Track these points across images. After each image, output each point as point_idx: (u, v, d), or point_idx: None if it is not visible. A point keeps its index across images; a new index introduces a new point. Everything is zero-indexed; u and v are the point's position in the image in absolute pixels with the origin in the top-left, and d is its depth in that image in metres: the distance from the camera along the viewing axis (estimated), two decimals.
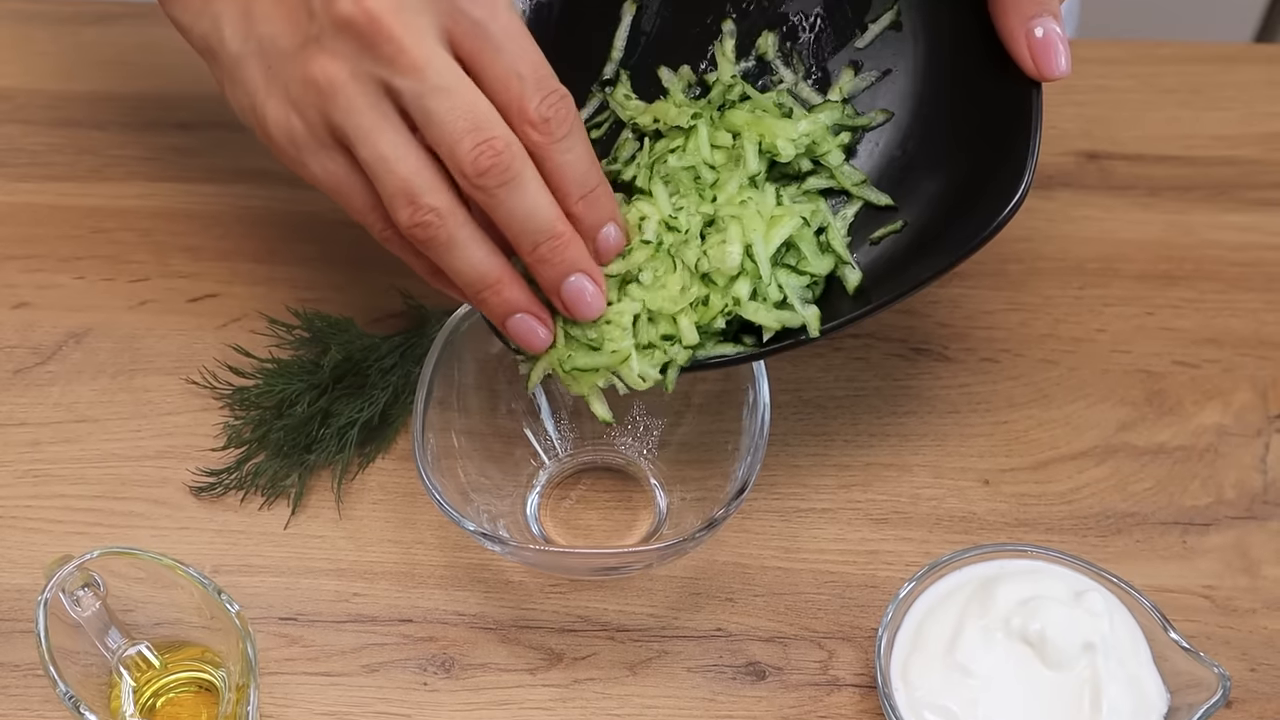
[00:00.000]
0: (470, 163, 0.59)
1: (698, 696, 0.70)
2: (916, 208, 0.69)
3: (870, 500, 0.76)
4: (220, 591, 0.64)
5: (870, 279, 0.68)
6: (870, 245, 0.69)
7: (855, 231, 0.70)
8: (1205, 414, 0.80)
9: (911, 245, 0.69)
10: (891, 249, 0.69)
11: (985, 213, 0.66)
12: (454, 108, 0.58)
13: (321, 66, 0.60)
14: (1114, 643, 0.66)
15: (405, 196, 0.60)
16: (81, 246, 0.86)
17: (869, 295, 0.68)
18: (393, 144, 0.60)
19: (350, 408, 0.76)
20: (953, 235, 0.67)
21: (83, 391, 0.80)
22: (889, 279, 0.68)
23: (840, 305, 0.68)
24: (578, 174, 0.61)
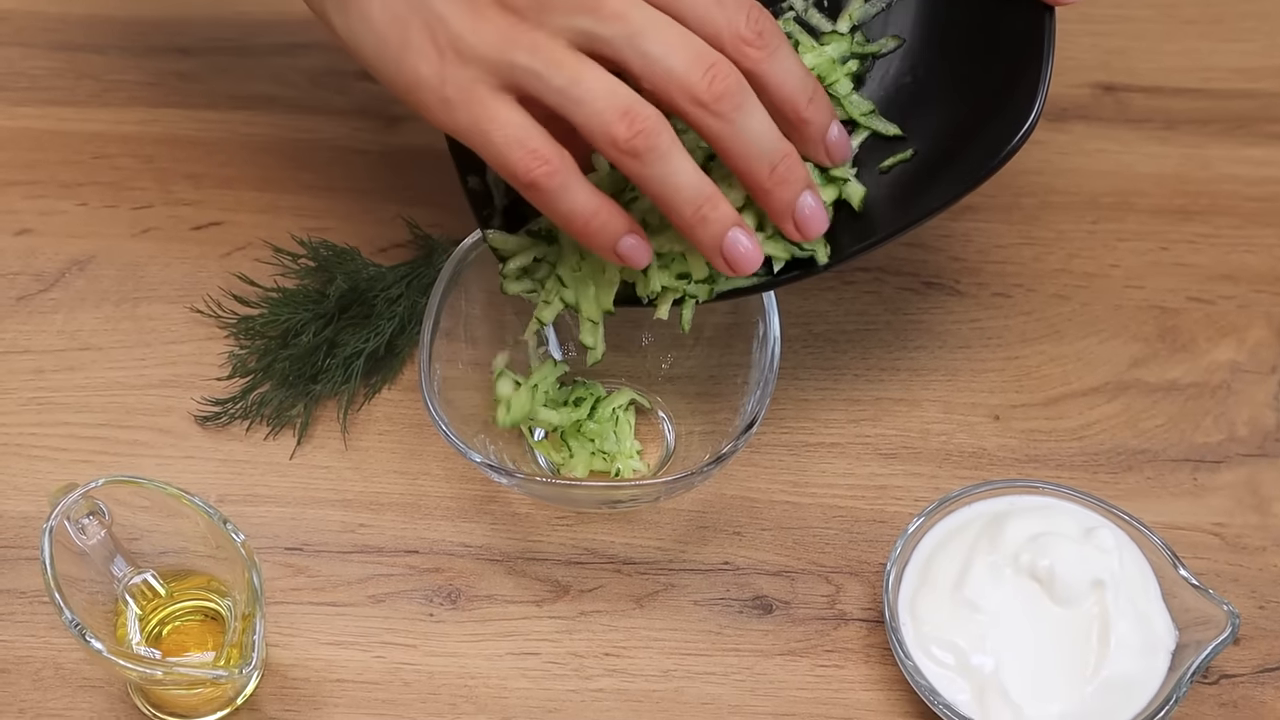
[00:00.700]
0: (707, 88, 0.57)
1: (704, 630, 0.69)
2: (926, 136, 0.68)
3: (880, 435, 0.76)
4: (226, 521, 0.63)
5: (880, 209, 0.67)
6: (879, 175, 0.68)
7: (862, 161, 0.69)
8: (1219, 350, 0.79)
9: (921, 174, 0.68)
10: (901, 178, 0.68)
11: (995, 141, 0.65)
12: (673, 43, 0.57)
13: (499, 18, 0.58)
14: (1123, 580, 0.66)
15: (618, 109, 0.57)
16: (83, 173, 0.85)
17: (879, 225, 0.67)
18: (588, 66, 0.57)
19: (356, 338, 0.75)
20: (962, 164, 0.66)
21: (86, 319, 0.79)
22: (899, 208, 0.67)
23: (849, 236, 0.67)
24: (799, 79, 0.60)
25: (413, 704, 0.67)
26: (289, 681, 0.68)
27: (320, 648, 0.69)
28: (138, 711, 0.67)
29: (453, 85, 0.59)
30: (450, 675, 0.68)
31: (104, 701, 0.67)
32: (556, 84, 0.58)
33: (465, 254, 0.71)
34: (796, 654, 0.69)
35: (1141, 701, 0.64)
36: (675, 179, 0.59)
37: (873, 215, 0.67)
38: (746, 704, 0.67)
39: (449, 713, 0.67)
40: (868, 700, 0.67)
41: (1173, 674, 0.64)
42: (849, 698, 0.68)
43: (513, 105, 0.59)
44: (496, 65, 0.58)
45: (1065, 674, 0.64)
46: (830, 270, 0.67)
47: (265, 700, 0.67)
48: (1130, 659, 0.64)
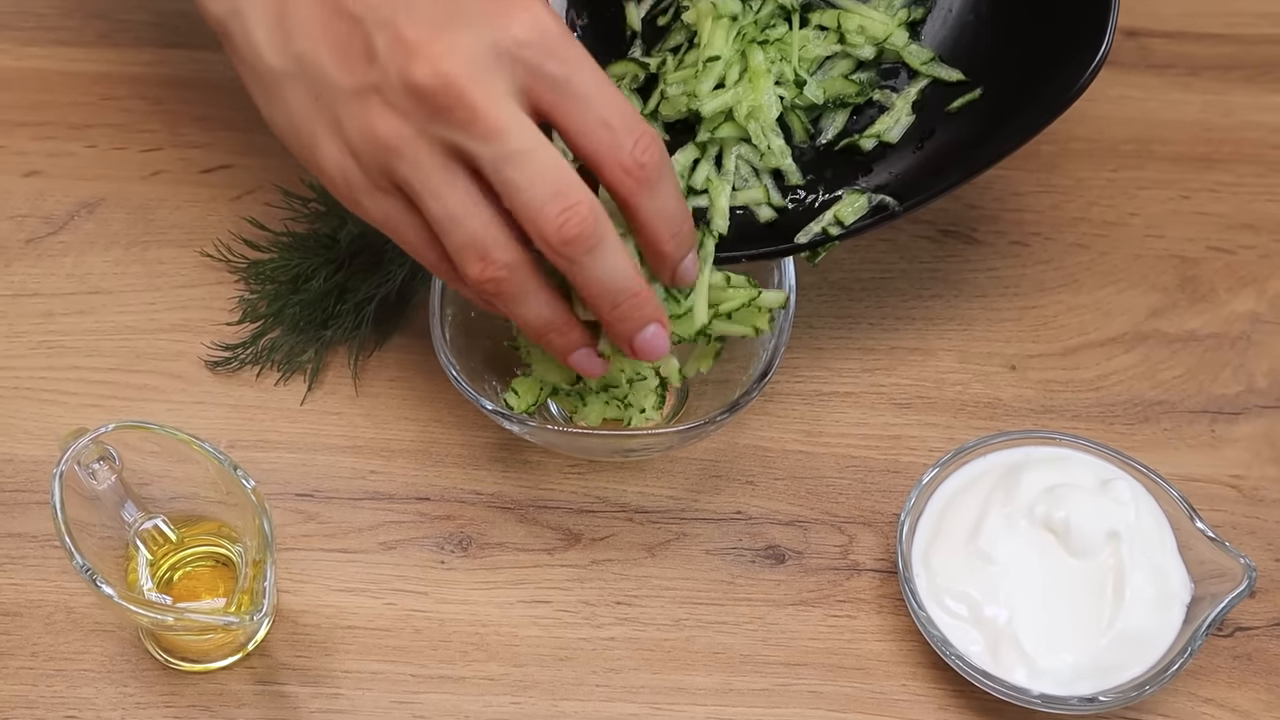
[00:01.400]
0: (555, 231, 0.57)
1: (716, 579, 0.69)
2: (993, 74, 0.68)
3: (894, 384, 0.75)
4: (236, 467, 0.63)
5: (951, 152, 0.68)
6: (947, 118, 0.68)
7: (923, 109, 0.69)
8: (1239, 301, 0.78)
9: (990, 113, 0.68)
10: (970, 119, 0.68)
11: (1067, 73, 0.65)
12: (535, 174, 0.56)
13: (386, 124, 0.57)
14: (1139, 532, 0.65)
15: (475, 252, 0.58)
16: (92, 114, 0.84)
17: (952, 168, 0.67)
18: (461, 202, 0.58)
19: (367, 284, 0.75)
20: (1034, 100, 0.66)
21: (95, 263, 0.78)
22: (971, 149, 0.67)
23: (923, 179, 0.68)
24: (668, 217, 0.59)
25: (423, 651, 0.67)
26: (300, 628, 0.67)
27: (331, 594, 0.69)
28: (149, 656, 0.67)
29: (356, 186, 0.60)
30: (461, 623, 0.68)
31: (116, 646, 0.67)
32: (431, 210, 0.58)
33: None
34: (808, 604, 0.68)
35: (1155, 654, 0.63)
36: (525, 314, 0.61)
37: (944, 158, 0.67)
38: (758, 653, 0.67)
39: (460, 660, 0.67)
40: (880, 651, 0.67)
41: (1187, 627, 0.64)
42: (861, 648, 0.67)
43: (410, 210, 0.60)
44: (382, 171, 0.59)
45: (1079, 626, 0.64)
46: (905, 215, 0.68)
47: (276, 646, 0.67)
48: (1145, 612, 0.64)
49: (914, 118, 0.69)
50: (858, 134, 0.70)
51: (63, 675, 0.66)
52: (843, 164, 0.70)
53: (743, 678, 0.67)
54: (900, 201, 0.68)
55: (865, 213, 0.69)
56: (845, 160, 0.70)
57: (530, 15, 0.56)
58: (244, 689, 0.66)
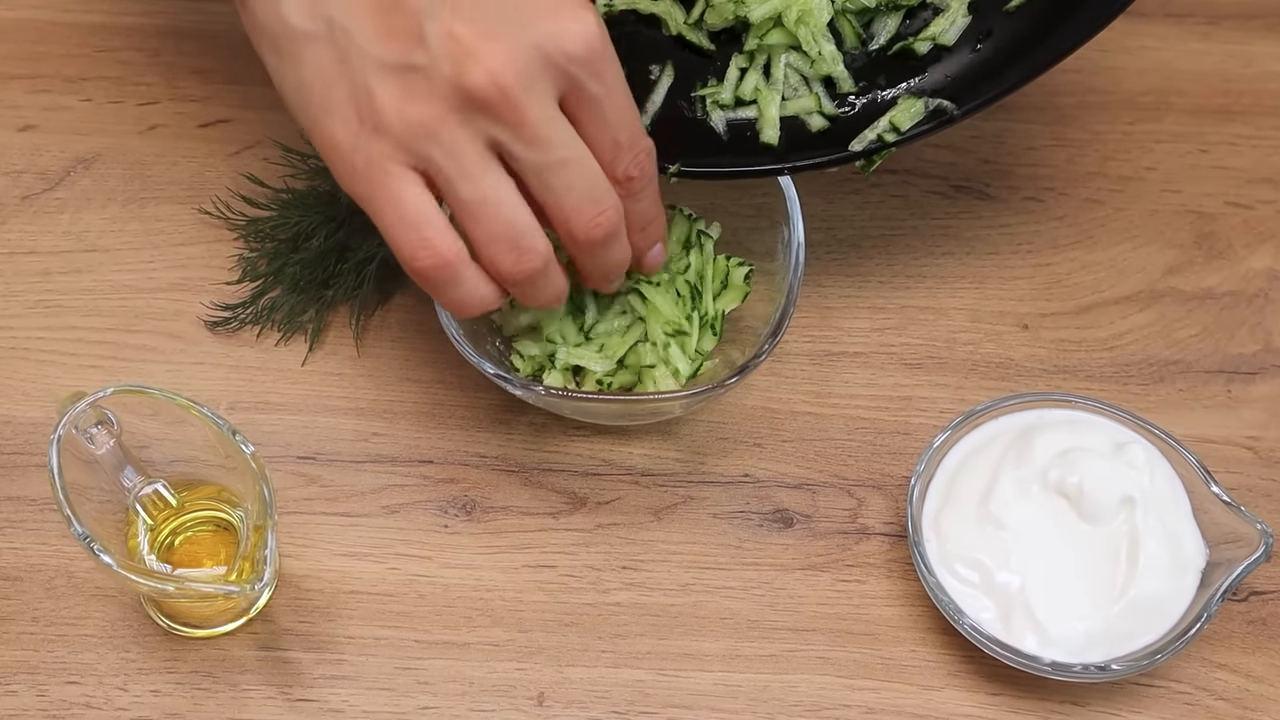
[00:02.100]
0: (585, 232, 0.60)
1: (723, 543, 0.68)
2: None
3: (905, 344, 0.74)
4: (235, 432, 0.62)
5: (1010, 51, 0.66)
6: (1006, 17, 0.66)
7: (979, 9, 0.67)
8: (1256, 257, 0.76)
9: (1050, 11, 0.65)
10: (1029, 18, 0.66)
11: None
12: (574, 181, 0.59)
13: (428, 107, 0.57)
14: (1153, 497, 0.64)
15: (509, 240, 0.59)
16: (87, 66, 0.82)
17: (1012, 68, 0.65)
18: (495, 187, 0.58)
19: (369, 242, 0.73)
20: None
21: (93, 220, 0.77)
22: (1032, 48, 0.65)
23: (984, 80, 0.66)
24: (642, 212, 0.63)
25: (427, 616, 0.66)
26: (302, 593, 0.67)
27: (334, 559, 0.68)
28: (151, 622, 0.66)
29: (362, 156, 0.59)
30: (465, 588, 0.67)
31: (117, 611, 0.66)
32: (462, 194, 0.58)
33: None
34: (817, 568, 0.68)
35: (1170, 621, 0.63)
36: (539, 295, 0.62)
37: (1003, 59, 0.66)
38: (765, 619, 0.66)
39: (464, 626, 0.66)
40: (889, 616, 0.66)
41: (1202, 593, 0.63)
42: (870, 613, 0.67)
43: (417, 187, 0.59)
44: (410, 148, 0.58)
45: (1092, 593, 0.63)
46: (964, 118, 0.66)
47: (279, 612, 0.66)
48: (1159, 578, 0.63)
49: (970, 19, 0.67)
50: (912, 37, 0.67)
51: (64, 640, 0.66)
52: (897, 69, 0.68)
53: (750, 643, 0.66)
54: (958, 105, 0.66)
55: (922, 117, 0.66)
56: (900, 65, 0.68)
57: (583, 28, 0.57)
58: (247, 654, 0.65)
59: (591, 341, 0.68)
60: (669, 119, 0.68)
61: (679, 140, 0.67)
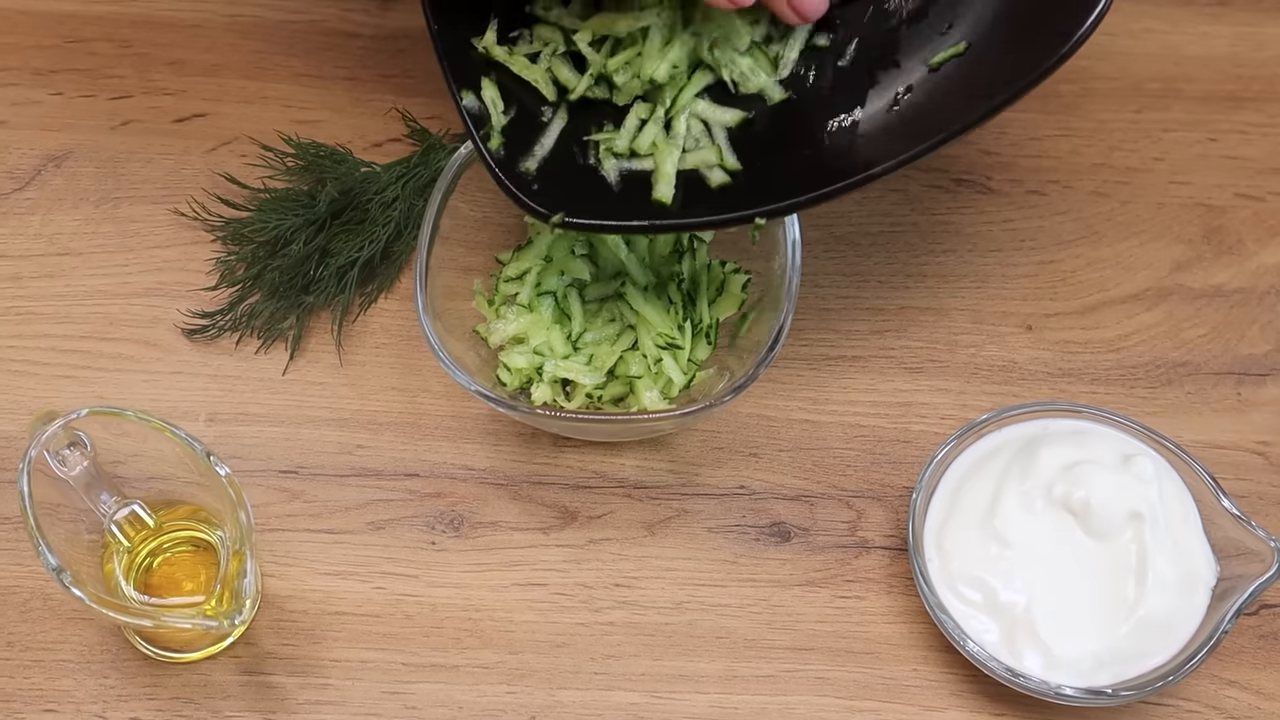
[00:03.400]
0: None
1: (719, 559, 0.66)
2: (979, 26, 0.62)
3: (905, 347, 0.71)
4: (210, 454, 0.60)
5: (936, 108, 0.62)
6: (930, 73, 0.62)
7: (906, 61, 0.63)
8: (1268, 252, 0.74)
9: (977, 68, 0.62)
10: (955, 74, 0.62)
11: (1061, 26, 0.59)
12: None
13: None
14: (1162, 511, 0.62)
15: None
16: (57, 58, 0.79)
17: (936, 126, 0.61)
18: None
19: (350, 246, 0.71)
20: (1024, 53, 0.60)
21: (65, 221, 0.74)
22: (957, 107, 0.61)
23: (903, 140, 0.62)
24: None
25: (415, 638, 0.64)
26: (286, 614, 0.65)
27: (318, 578, 0.66)
28: (130, 646, 0.64)
29: None
30: (454, 608, 0.65)
31: (95, 635, 0.64)
32: None
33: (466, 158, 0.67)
34: (815, 584, 0.66)
35: (1180, 641, 0.61)
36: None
37: (927, 115, 0.62)
38: (762, 637, 0.65)
39: (453, 647, 0.64)
40: (890, 634, 0.65)
41: (1213, 611, 0.61)
42: (870, 631, 0.65)
43: None
44: None
45: (1099, 612, 0.61)
46: (882, 177, 0.61)
47: (262, 634, 0.64)
48: (1168, 596, 0.61)
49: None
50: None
51: (40, 666, 0.64)
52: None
53: (747, 663, 0.64)
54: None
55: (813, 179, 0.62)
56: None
57: None
58: (229, 679, 0.64)
59: (580, 352, 0.65)
60: (558, 163, 0.63)
61: (567, 187, 0.63)
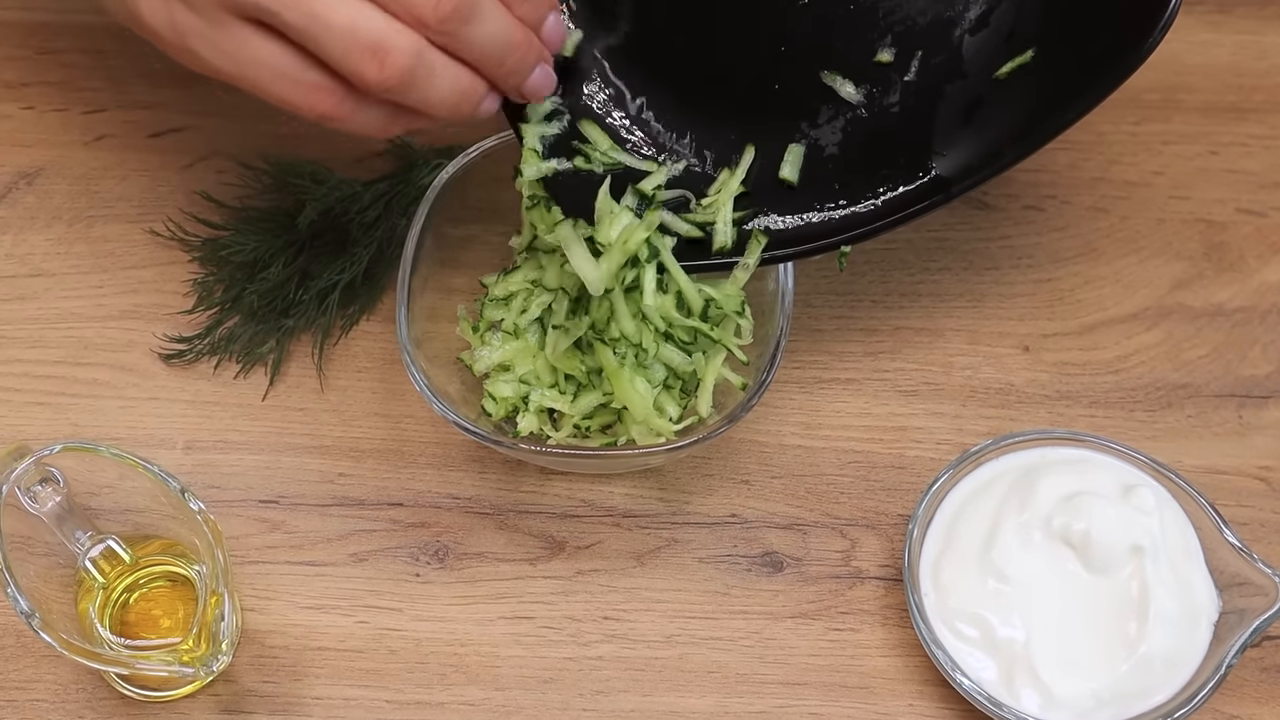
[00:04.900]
0: (432, 9, 0.53)
1: (710, 590, 0.65)
2: (1046, 35, 0.61)
3: (899, 370, 0.70)
4: (185, 491, 0.58)
5: (1003, 121, 0.61)
6: (996, 83, 0.61)
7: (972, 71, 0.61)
8: (1270, 270, 0.73)
9: (1045, 78, 0.61)
10: (1023, 84, 0.61)
11: (1129, 32, 0.58)
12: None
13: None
14: (1163, 544, 0.61)
15: (367, 50, 0.53)
16: (28, 70, 0.77)
17: (1007, 140, 0.61)
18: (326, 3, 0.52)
19: (330, 268, 0.69)
20: (1094, 61, 0.59)
21: (37, 241, 0.73)
22: (1027, 119, 0.61)
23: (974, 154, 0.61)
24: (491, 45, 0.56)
25: (399, 674, 0.63)
26: (266, 650, 0.63)
27: (299, 612, 0.64)
28: (106, 685, 0.62)
29: (191, 34, 0.54)
30: (439, 642, 0.63)
31: (70, 674, 0.63)
32: (291, 20, 0.52)
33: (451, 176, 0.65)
34: (808, 616, 0.64)
35: (1182, 678, 0.59)
36: (436, 96, 0.55)
37: (996, 128, 0.61)
38: (755, 672, 0.63)
39: (438, 684, 0.63)
40: (884, 667, 0.63)
41: (1216, 647, 0.60)
42: (865, 664, 0.63)
43: (265, 36, 0.53)
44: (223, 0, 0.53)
45: (1099, 649, 0.60)
46: (955, 199, 0.61)
47: (242, 671, 0.63)
48: (1170, 633, 0.59)
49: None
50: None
51: (13, 707, 0.62)
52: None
53: (739, 699, 0.63)
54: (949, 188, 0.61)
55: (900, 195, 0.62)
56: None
57: None
58: (209, 719, 0.62)
59: (568, 380, 0.64)
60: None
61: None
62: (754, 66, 0.62)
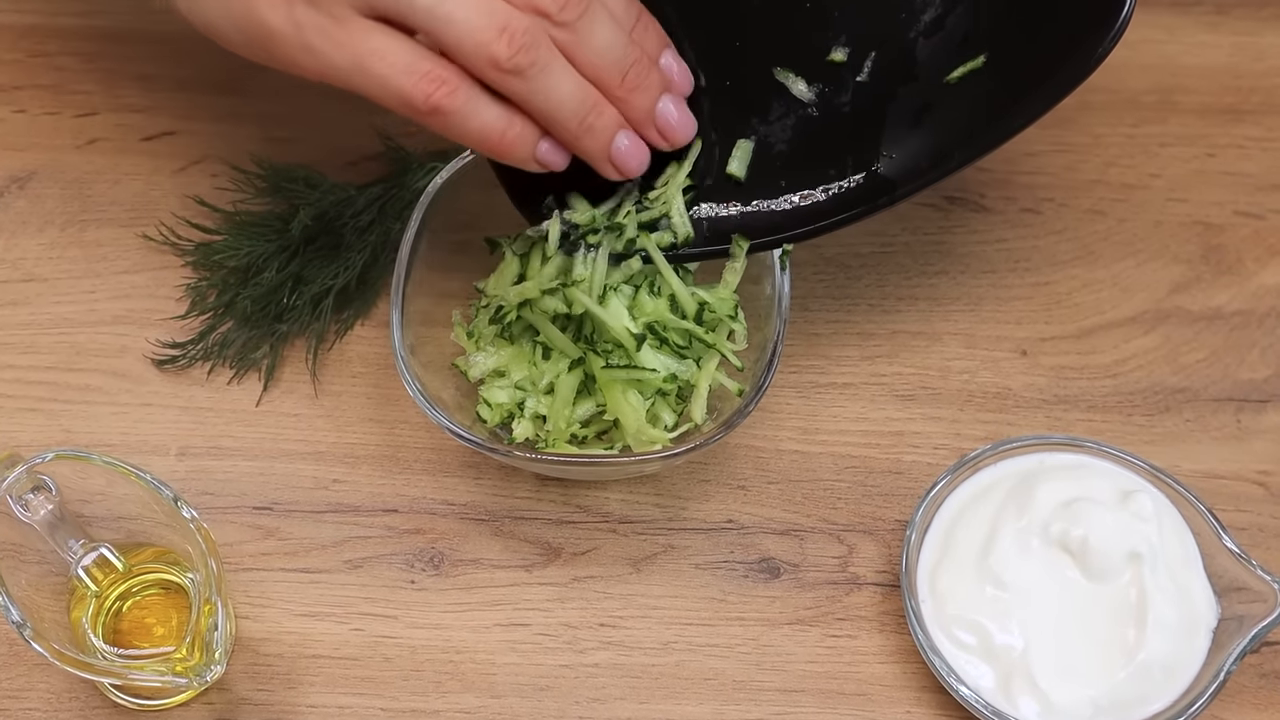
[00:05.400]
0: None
1: (706, 596, 0.64)
2: (998, 39, 0.60)
3: (896, 374, 0.69)
4: (178, 499, 0.58)
5: (952, 127, 0.61)
6: (946, 87, 0.61)
7: (923, 75, 0.61)
8: (1268, 273, 0.72)
9: (996, 83, 0.60)
10: (972, 90, 0.61)
11: (1083, 38, 0.57)
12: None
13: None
14: (1162, 551, 0.61)
15: (494, 27, 0.53)
16: (20, 73, 0.76)
17: (956, 146, 0.60)
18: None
19: (324, 273, 0.69)
20: (1045, 67, 0.59)
21: (29, 246, 0.72)
22: (977, 125, 0.60)
23: (922, 158, 0.61)
24: (622, 5, 0.56)
25: (394, 681, 0.62)
26: (261, 658, 0.63)
27: (293, 619, 0.64)
28: (99, 694, 0.62)
29: (312, 29, 0.54)
30: (434, 649, 0.63)
31: (63, 682, 0.62)
32: (421, 5, 0.53)
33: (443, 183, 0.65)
34: (805, 623, 0.64)
35: (1180, 686, 0.59)
36: (558, 92, 0.55)
37: (945, 132, 0.61)
38: (752, 679, 0.63)
39: (433, 691, 0.62)
40: (882, 674, 0.63)
41: (1215, 654, 0.59)
42: (862, 671, 0.63)
43: (385, 31, 0.54)
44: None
45: (1097, 657, 0.59)
46: (901, 201, 0.61)
47: (236, 679, 0.62)
48: (1169, 640, 0.59)
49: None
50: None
51: (6, 715, 0.62)
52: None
53: (736, 706, 0.62)
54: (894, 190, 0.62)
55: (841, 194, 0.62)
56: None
57: None
58: None
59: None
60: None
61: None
62: (708, 61, 0.62)
